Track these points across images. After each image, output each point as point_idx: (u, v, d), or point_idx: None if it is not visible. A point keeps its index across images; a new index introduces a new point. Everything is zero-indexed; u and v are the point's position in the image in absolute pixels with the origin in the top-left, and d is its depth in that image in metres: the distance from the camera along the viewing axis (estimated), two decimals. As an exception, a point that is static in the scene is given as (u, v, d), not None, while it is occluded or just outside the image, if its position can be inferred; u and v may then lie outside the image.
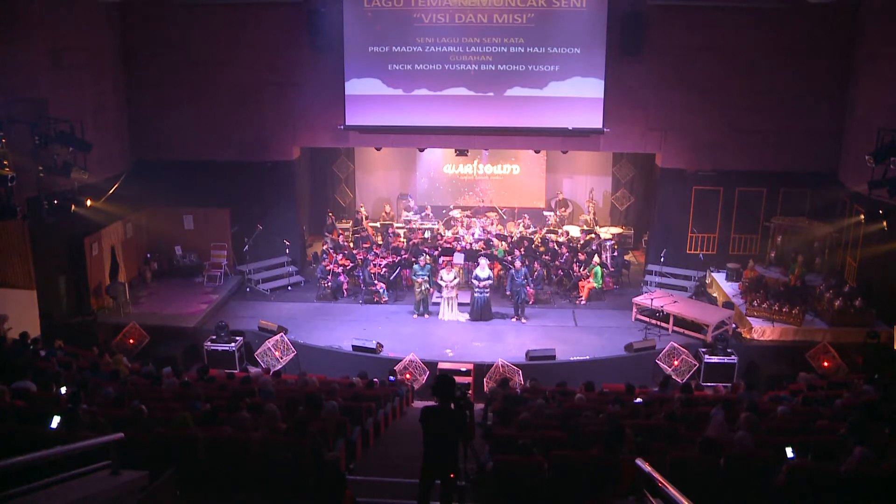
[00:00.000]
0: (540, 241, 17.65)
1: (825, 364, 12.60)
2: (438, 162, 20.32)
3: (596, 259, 15.99)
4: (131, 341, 13.45)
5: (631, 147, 17.06)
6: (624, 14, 15.38)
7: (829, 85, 15.42)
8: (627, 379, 11.01)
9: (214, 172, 16.47)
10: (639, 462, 4.93)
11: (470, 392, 12.10)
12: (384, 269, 16.01)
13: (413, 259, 15.47)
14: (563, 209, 19.83)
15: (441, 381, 5.65)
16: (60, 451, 5.16)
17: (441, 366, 12.67)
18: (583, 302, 15.67)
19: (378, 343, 13.14)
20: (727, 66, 15.55)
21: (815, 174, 15.83)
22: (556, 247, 17.18)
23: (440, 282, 14.76)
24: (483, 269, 14.52)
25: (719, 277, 16.20)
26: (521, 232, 18.40)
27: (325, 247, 17.44)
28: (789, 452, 6.68)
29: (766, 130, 15.78)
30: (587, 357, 13.09)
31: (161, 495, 5.12)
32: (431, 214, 19.78)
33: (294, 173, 17.23)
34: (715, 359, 12.80)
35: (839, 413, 8.35)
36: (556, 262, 16.57)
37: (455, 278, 14.75)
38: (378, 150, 18.35)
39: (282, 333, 13.40)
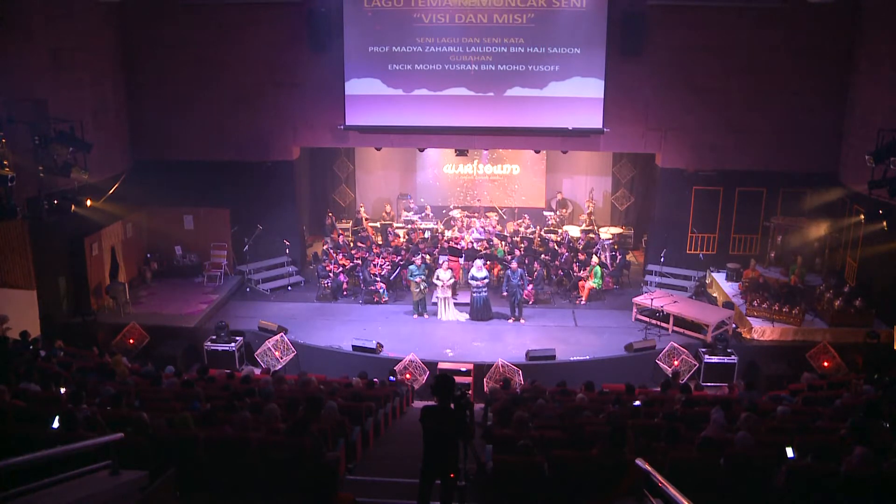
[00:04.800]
0: (540, 241, 17.67)
1: (825, 364, 12.60)
2: (438, 162, 20.31)
3: (595, 259, 15.99)
4: (131, 341, 13.45)
5: (631, 147, 17.05)
6: (624, 14, 15.37)
7: (829, 85, 15.41)
8: (627, 379, 11.01)
9: (214, 172, 16.47)
10: (639, 462, 4.93)
11: (470, 392, 12.10)
12: (384, 269, 16.01)
13: (412, 259, 15.45)
14: (563, 209, 19.85)
15: (441, 381, 5.64)
16: (60, 451, 5.16)
17: (441, 366, 12.66)
18: (583, 302, 15.66)
19: (378, 343, 13.13)
20: (727, 66, 15.55)
21: (815, 174, 15.83)
22: (555, 247, 17.19)
23: (436, 281, 14.76)
24: (479, 270, 14.52)
25: (719, 277, 16.20)
26: (521, 232, 18.40)
27: (325, 247, 17.44)
28: (789, 452, 6.68)
29: (766, 130, 15.77)
30: (587, 357, 13.09)
31: (161, 495, 5.11)
32: (431, 214, 19.79)
33: (294, 173, 17.23)
34: (715, 359, 12.81)
35: (839, 413, 8.35)
36: (556, 262, 16.57)
37: (451, 279, 14.74)
38: (378, 150, 18.35)
39: (282, 333, 13.40)
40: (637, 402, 9.11)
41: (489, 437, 7.45)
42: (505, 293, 14.81)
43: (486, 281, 14.66)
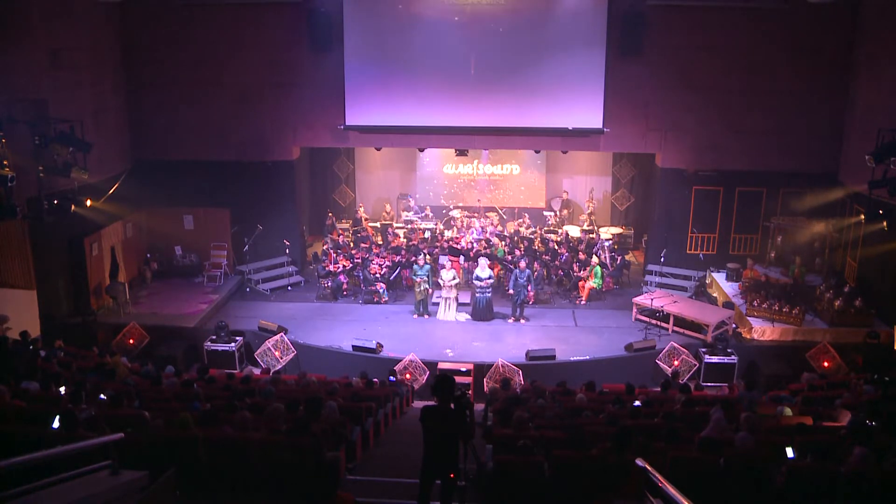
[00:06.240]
0: (540, 241, 17.66)
1: (825, 364, 12.60)
2: (438, 162, 20.32)
3: (595, 259, 15.99)
4: (131, 341, 13.45)
5: (631, 147, 17.05)
6: (624, 14, 15.37)
7: (829, 85, 15.41)
8: (627, 379, 11.01)
9: (214, 172, 16.48)
10: (638, 462, 4.93)
11: (470, 392, 12.10)
12: (384, 270, 16.01)
13: (413, 259, 15.46)
14: (566, 209, 19.86)
15: (441, 381, 5.64)
16: (60, 451, 5.16)
17: (441, 366, 12.67)
18: (583, 302, 15.66)
19: (378, 343, 13.13)
20: (727, 66, 15.54)
21: (815, 174, 15.81)
22: (555, 247, 17.19)
23: (439, 281, 14.76)
24: (483, 270, 14.51)
25: (719, 277, 16.20)
26: (521, 232, 18.39)
27: (325, 247, 17.44)
28: (789, 452, 6.68)
29: (766, 130, 15.77)
30: (587, 357, 13.09)
31: (161, 495, 5.11)
32: (431, 214, 19.79)
33: (294, 173, 17.22)
34: (715, 359, 12.81)
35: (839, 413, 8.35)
36: (556, 262, 16.57)
37: (454, 279, 14.74)
38: (378, 150, 18.35)
39: (282, 333, 13.41)
40: (637, 402, 9.11)
41: (489, 437, 7.45)
42: (511, 291, 14.72)
43: (491, 281, 14.65)
